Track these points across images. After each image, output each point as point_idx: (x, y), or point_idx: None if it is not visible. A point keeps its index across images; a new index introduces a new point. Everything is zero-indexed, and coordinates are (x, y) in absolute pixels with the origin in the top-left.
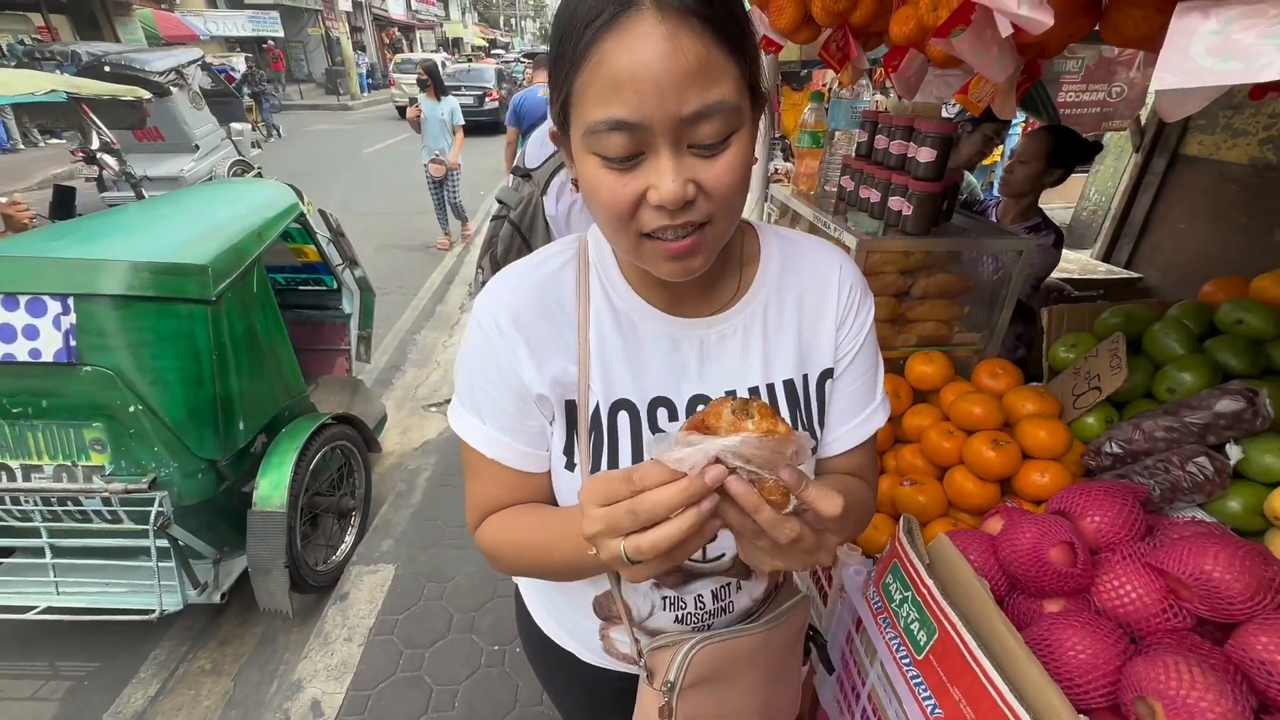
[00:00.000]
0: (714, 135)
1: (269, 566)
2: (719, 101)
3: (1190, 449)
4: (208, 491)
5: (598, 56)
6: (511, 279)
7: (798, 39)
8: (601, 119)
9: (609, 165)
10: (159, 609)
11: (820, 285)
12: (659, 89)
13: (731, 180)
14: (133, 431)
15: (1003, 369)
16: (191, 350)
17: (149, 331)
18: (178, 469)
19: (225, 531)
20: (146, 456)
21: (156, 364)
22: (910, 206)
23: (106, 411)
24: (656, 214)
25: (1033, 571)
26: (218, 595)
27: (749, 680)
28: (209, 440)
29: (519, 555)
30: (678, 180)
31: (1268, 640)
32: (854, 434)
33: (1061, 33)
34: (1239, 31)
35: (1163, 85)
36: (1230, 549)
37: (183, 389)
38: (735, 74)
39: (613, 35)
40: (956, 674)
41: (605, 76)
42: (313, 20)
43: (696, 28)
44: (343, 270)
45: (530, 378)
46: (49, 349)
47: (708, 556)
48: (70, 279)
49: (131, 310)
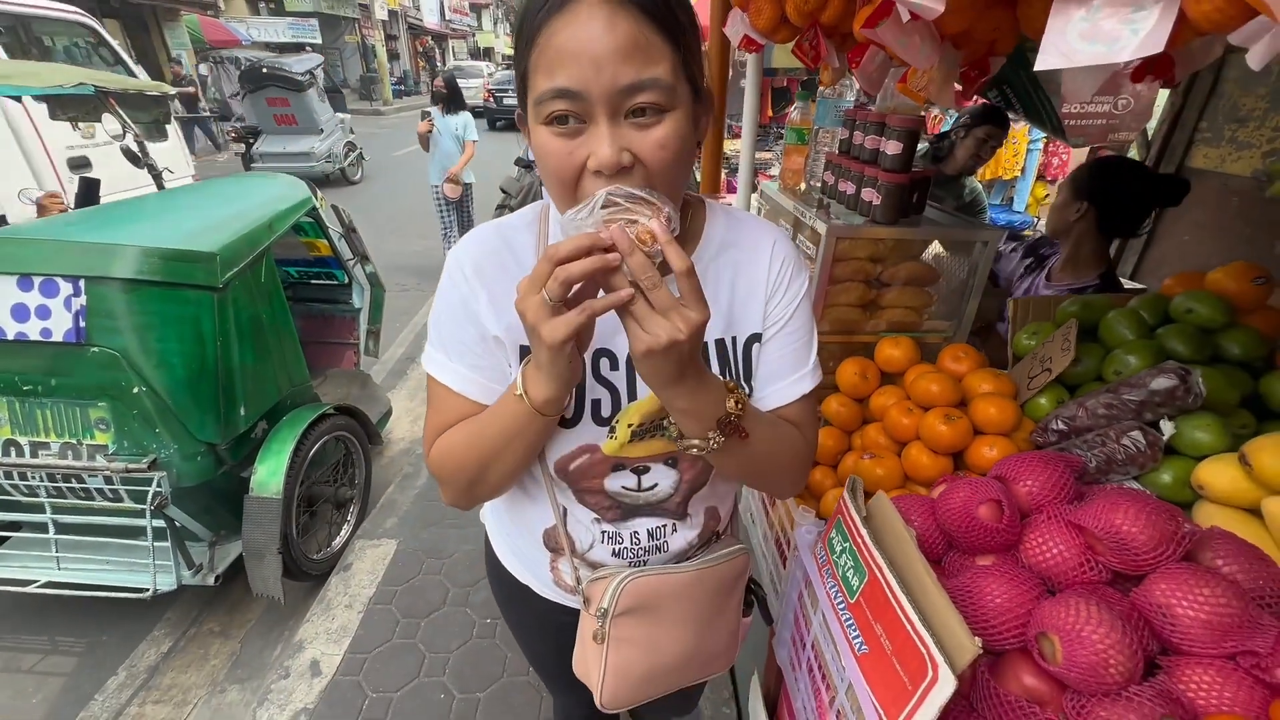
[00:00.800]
0: (648, 107)
1: (263, 552)
2: (653, 78)
3: (1127, 424)
4: (206, 474)
5: (546, 35)
6: (477, 236)
7: (776, 38)
8: (547, 88)
9: (555, 132)
10: (153, 588)
11: (754, 259)
12: (596, 62)
13: (665, 153)
14: (135, 412)
15: (965, 353)
16: (196, 335)
17: (155, 315)
18: (178, 451)
19: (222, 515)
20: (148, 437)
21: (161, 347)
22: (879, 197)
23: (111, 392)
24: (595, 180)
25: (963, 527)
26: (212, 577)
27: (678, 614)
28: (209, 424)
29: (460, 448)
30: (613, 146)
31: (1166, 587)
32: (781, 393)
33: (984, 25)
34: (1104, 19)
35: (1044, 66)
36: (1139, 505)
37: (186, 372)
38: (670, 58)
39: (559, 17)
40: (879, 610)
41: (551, 52)
42: (350, 28)
43: (634, 13)
44: (354, 265)
45: (489, 321)
46: (59, 329)
47: (642, 486)
48: (83, 262)
49: (140, 294)
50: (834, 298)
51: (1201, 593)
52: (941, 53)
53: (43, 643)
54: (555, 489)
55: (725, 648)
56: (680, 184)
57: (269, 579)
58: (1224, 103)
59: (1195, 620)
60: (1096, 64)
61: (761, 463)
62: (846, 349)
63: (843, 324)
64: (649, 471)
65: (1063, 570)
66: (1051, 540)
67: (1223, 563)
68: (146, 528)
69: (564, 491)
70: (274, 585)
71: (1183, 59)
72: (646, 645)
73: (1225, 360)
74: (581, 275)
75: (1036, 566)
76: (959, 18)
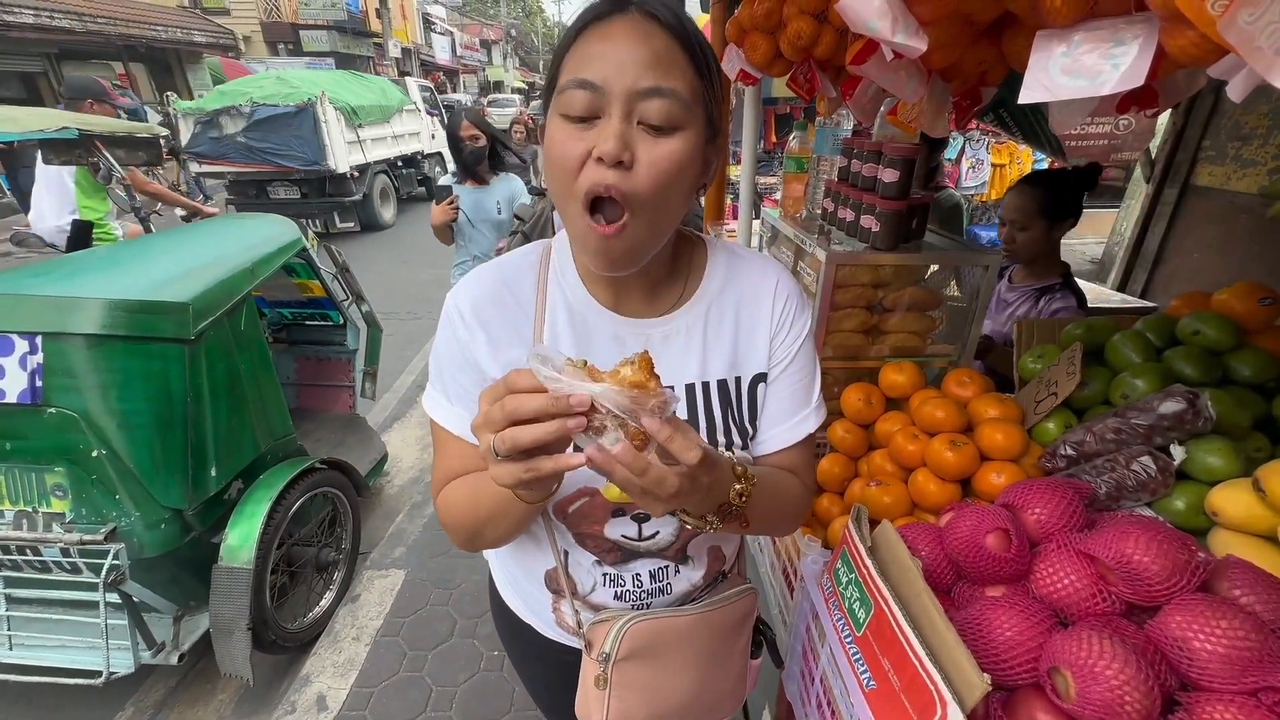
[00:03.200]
0: (661, 118)
1: (231, 628)
2: (671, 88)
3: (1136, 449)
4: (171, 543)
5: (583, 40)
6: (477, 277)
7: (771, 72)
8: (571, 79)
9: (568, 121)
10: (105, 671)
11: (758, 297)
12: (621, 64)
13: (665, 167)
14: (95, 477)
15: (970, 378)
16: (163, 392)
17: (119, 372)
18: (139, 518)
19: (189, 585)
20: (108, 504)
21: (124, 406)
22: (878, 224)
23: (70, 456)
24: (595, 168)
25: (971, 557)
26: (175, 656)
27: (682, 659)
28: (175, 488)
29: (459, 507)
30: (619, 140)
31: (1181, 619)
32: (786, 435)
33: (970, 59)
34: (1085, 53)
35: (1027, 99)
36: (1150, 534)
37: (151, 433)
38: (692, 81)
39: (599, 26)
40: (886, 645)
41: (582, 51)
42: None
43: (667, 35)
44: (348, 306)
45: (486, 362)
46: (13, 389)
47: (643, 535)
48: (40, 317)
49: (102, 350)
50: (836, 324)
51: (1219, 625)
52: (930, 85)
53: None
54: (555, 531)
55: (732, 691)
56: (673, 213)
57: (237, 657)
58: (1226, 121)
59: (1214, 655)
60: (1079, 97)
61: (758, 527)
62: (850, 375)
63: (846, 350)
64: (649, 520)
65: (1074, 601)
66: (1062, 570)
67: (1240, 593)
68: (100, 604)
69: (564, 534)
70: (242, 664)
71: (1166, 90)
72: (650, 691)
73: (1235, 382)
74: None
75: (1047, 598)
76: (945, 54)
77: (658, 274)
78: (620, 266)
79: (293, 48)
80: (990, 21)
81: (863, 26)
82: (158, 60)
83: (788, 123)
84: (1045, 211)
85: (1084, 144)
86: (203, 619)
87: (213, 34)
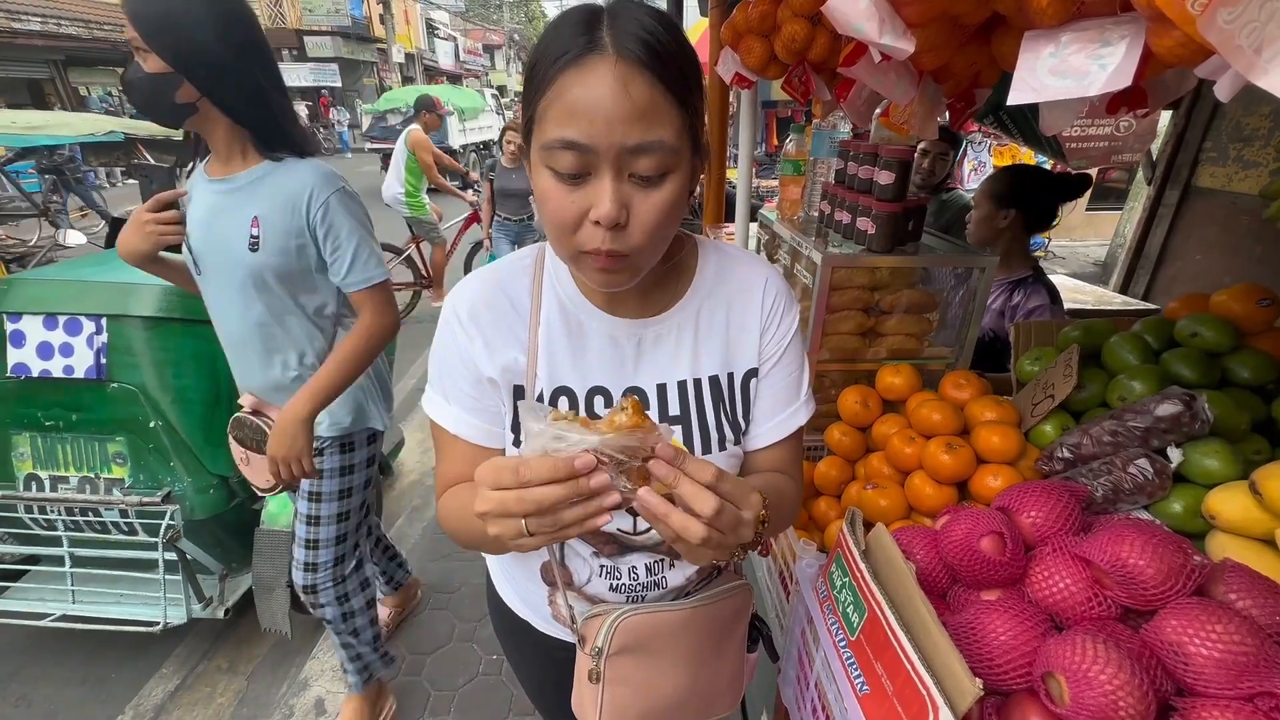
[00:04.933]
0: (652, 169)
1: (272, 585)
2: (659, 141)
3: (1133, 452)
4: (218, 507)
5: (560, 86)
6: (474, 280)
7: (767, 75)
8: (556, 137)
9: (559, 180)
10: (163, 621)
11: (747, 295)
12: (608, 120)
13: (660, 215)
14: (151, 446)
15: (966, 380)
16: (212, 370)
17: (173, 351)
18: (191, 484)
19: (233, 548)
20: (163, 471)
21: (178, 382)
22: (874, 226)
23: (129, 426)
24: (594, 231)
25: (966, 560)
26: (222, 611)
27: (675, 653)
28: (222, 458)
29: (458, 516)
30: (615, 203)
31: (1177, 624)
32: (778, 429)
33: (961, 61)
34: (1072, 54)
35: (1015, 101)
36: (1145, 536)
37: (201, 407)
38: (677, 122)
39: (575, 70)
40: (880, 649)
41: (564, 103)
42: (368, 71)
43: (647, 77)
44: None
45: (483, 364)
46: (81, 366)
47: (638, 529)
48: (105, 300)
49: (159, 331)
50: (833, 326)
51: (1215, 630)
52: (922, 87)
53: (53, 680)
54: None
55: (727, 687)
56: (668, 239)
57: (277, 613)
58: (1227, 123)
59: (1209, 659)
60: (1067, 98)
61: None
62: (847, 377)
63: (843, 352)
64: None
65: (1070, 606)
66: (1057, 574)
67: (1236, 597)
68: (159, 560)
69: None
70: (281, 620)
71: (1155, 90)
72: (642, 685)
73: (1234, 384)
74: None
75: (1043, 601)
76: (934, 55)
77: (651, 276)
78: (620, 286)
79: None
80: (979, 23)
81: (850, 28)
82: None
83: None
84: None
85: (1084, 146)
86: (244, 580)
87: None
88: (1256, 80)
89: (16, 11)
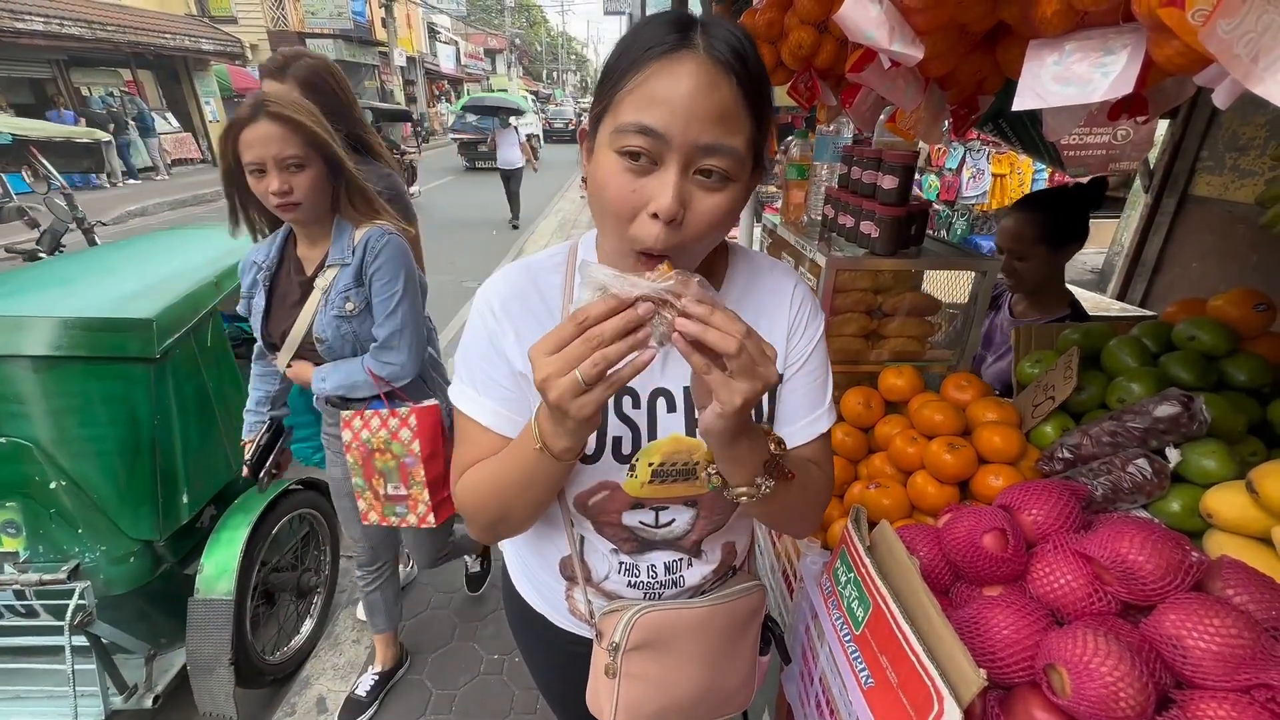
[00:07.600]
0: (718, 171)
1: (212, 665)
2: (731, 146)
3: (1132, 452)
4: (141, 578)
5: (647, 74)
6: (505, 276)
7: (773, 81)
8: (632, 120)
9: (623, 166)
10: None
11: (775, 301)
12: (687, 114)
13: (714, 219)
14: (53, 511)
15: (968, 381)
16: (128, 416)
17: (77, 396)
18: (105, 553)
19: (161, 622)
20: (69, 540)
21: (85, 433)
22: (878, 229)
23: (23, 489)
24: (649, 225)
25: (969, 557)
26: (149, 699)
27: (691, 651)
28: (145, 518)
29: (482, 487)
30: (675, 198)
31: (1176, 618)
32: (802, 432)
33: (967, 68)
34: (1075, 62)
35: (1020, 107)
36: (1145, 533)
37: (116, 460)
38: (749, 132)
39: (665, 61)
40: (884, 642)
41: (647, 90)
42: (370, 74)
43: (732, 82)
44: None
45: (515, 357)
46: None
47: (659, 522)
48: None
49: (57, 373)
50: (837, 328)
51: (1212, 623)
52: (928, 93)
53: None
54: (573, 519)
55: (741, 686)
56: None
57: (218, 695)
58: (1224, 132)
59: (1207, 652)
60: (1070, 105)
61: (797, 503)
62: (850, 379)
63: (846, 354)
64: (666, 509)
65: (1071, 601)
66: (1058, 570)
67: (1233, 592)
68: (65, 648)
69: (582, 523)
70: (225, 703)
71: (1155, 98)
72: (658, 682)
73: (1230, 387)
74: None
75: (1044, 597)
76: (941, 62)
77: None
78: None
79: None
80: (986, 31)
81: (860, 35)
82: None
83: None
84: (1046, 238)
85: (1082, 154)
86: (177, 656)
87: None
88: (1253, 88)
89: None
